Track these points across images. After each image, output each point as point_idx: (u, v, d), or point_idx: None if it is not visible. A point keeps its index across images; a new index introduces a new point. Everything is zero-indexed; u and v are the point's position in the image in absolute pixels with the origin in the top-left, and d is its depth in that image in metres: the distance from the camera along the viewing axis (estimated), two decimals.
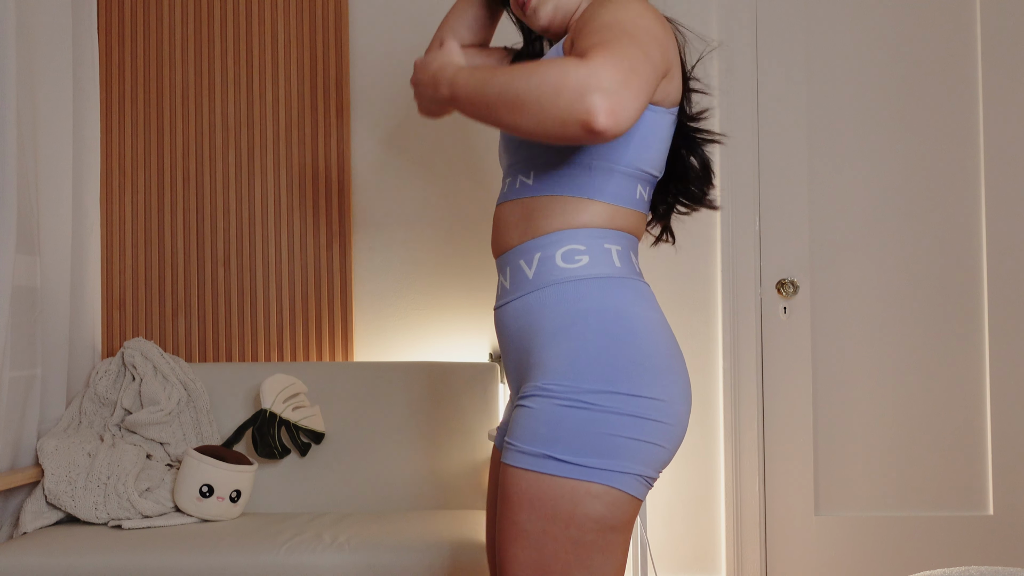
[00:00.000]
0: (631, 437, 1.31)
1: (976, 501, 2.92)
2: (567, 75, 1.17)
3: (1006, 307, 2.91)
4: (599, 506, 1.31)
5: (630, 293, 1.38)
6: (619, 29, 1.25)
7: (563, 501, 1.30)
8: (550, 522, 1.31)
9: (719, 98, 2.94)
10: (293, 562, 2.13)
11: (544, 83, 1.18)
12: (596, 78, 1.16)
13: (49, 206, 2.63)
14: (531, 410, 1.33)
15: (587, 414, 1.30)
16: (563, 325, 1.34)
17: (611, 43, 1.21)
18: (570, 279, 1.37)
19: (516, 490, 1.33)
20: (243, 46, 2.99)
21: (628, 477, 1.31)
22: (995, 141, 2.92)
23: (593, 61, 1.17)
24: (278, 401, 2.61)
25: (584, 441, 1.30)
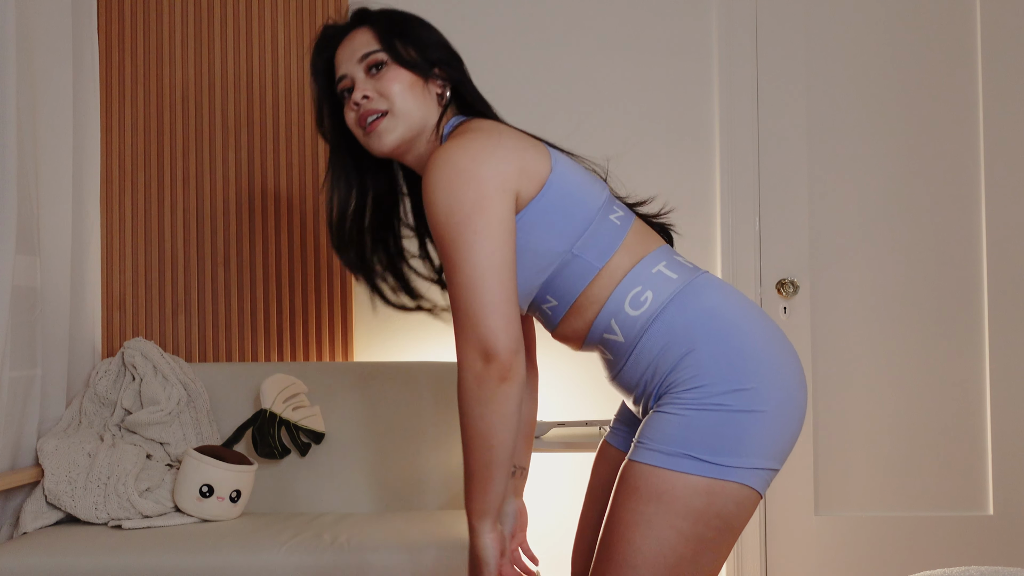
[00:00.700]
0: (760, 432, 1.37)
1: (976, 501, 2.92)
2: (469, 394, 1.36)
3: (1006, 307, 2.91)
4: (731, 505, 1.37)
5: (703, 291, 1.45)
6: (453, 242, 1.37)
7: (697, 498, 1.35)
8: (679, 518, 1.36)
9: (719, 98, 2.94)
10: (293, 562, 2.13)
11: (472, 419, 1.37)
12: (480, 372, 1.34)
13: (49, 206, 2.63)
14: (666, 415, 1.38)
15: (720, 415, 1.36)
16: (672, 354, 1.40)
17: (456, 288, 1.36)
18: (652, 317, 1.43)
19: (646, 484, 1.37)
20: (243, 46, 2.99)
21: (760, 472, 1.38)
22: (995, 141, 2.92)
23: (459, 351, 1.36)
24: (278, 401, 2.61)
25: (719, 441, 1.35)
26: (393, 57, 1.53)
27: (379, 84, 1.52)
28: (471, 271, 1.35)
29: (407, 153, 1.56)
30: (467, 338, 1.35)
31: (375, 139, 1.52)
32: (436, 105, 1.55)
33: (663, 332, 1.41)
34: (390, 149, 1.53)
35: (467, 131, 1.47)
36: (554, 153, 1.50)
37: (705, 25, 2.97)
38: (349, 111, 1.55)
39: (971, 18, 2.94)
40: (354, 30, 1.57)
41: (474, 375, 1.35)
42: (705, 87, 2.97)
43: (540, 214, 1.43)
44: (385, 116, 1.51)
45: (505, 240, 1.37)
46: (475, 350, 1.34)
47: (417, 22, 1.60)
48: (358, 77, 1.53)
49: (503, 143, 1.43)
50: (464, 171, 1.37)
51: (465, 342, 1.36)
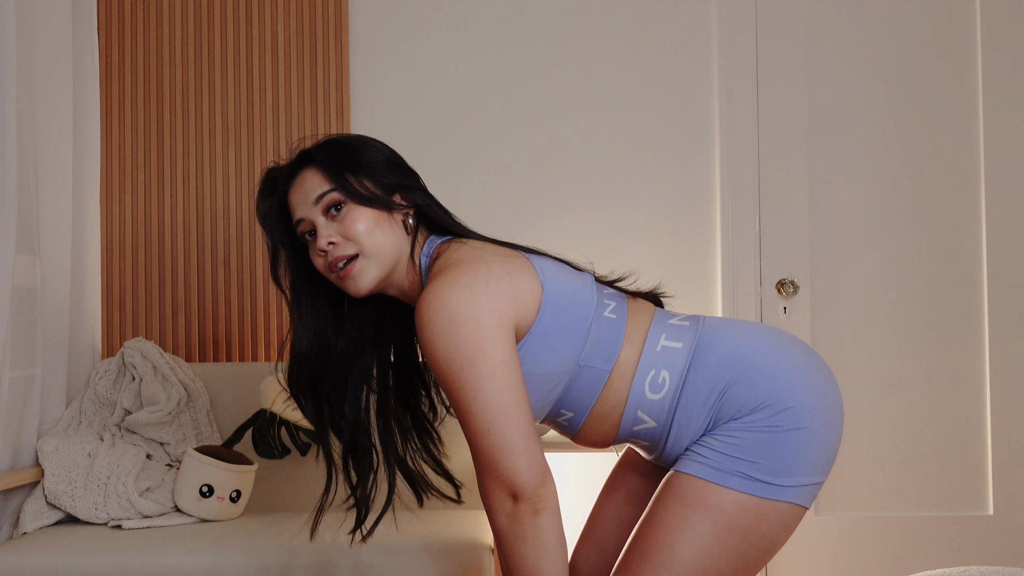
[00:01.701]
0: (808, 448, 1.38)
1: (976, 501, 2.91)
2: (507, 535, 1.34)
3: (1006, 307, 2.91)
4: (778, 526, 1.38)
5: (712, 341, 1.45)
6: (461, 391, 1.33)
7: (746, 516, 1.37)
8: (725, 532, 1.37)
9: (719, 98, 2.94)
10: (293, 562, 2.13)
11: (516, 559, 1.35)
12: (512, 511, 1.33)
13: (49, 206, 2.63)
14: (718, 438, 1.39)
15: (770, 436, 1.37)
16: (711, 406, 1.42)
17: (474, 434, 1.33)
18: (677, 393, 1.43)
19: (695, 494, 1.38)
20: (243, 46, 2.99)
21: (807, 489, 1.39)
22: (995, 141, 2.92)
23: (486, 494, 1.34)
24: (278, 401, 2.60)
25: (772, 461, 1.37)
26: (350, 195, 1.46)
27: (342, 227, 1.45)
28: (482, 416, 1.32)
29: (388, 287, 1.52)
30: (492, 481, 1.33)
31: (351, 283, 1.47)
32: (404, 234, 1.50)
33: (693, 400, 1.42)
34: (368, 290, 1.47)
35: (450, 264, 1.41)
36: (538, 266, 1.45)
37: (705, 25, 2.97)
38: (316, 256, 1.49)
39: (971, 18, 2.94)
40: (301, 171, 1.50)
41: (506, 516, 1.33)
42: (705, 87, 2.97)
43: (540, 338, 1.40)
44: (357, 259, 1.46)
45: (512, 378, 1.34)
46: (502, 492, 1.33)
47: (362, 145, 1.53)
48: (318, 221, 1.47)
49: (492, 274, 1.38)
50: (458, 315, 1.33)
51: (491, 485, 1.34)
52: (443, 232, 1.54)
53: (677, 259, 2.92)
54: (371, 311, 1.60)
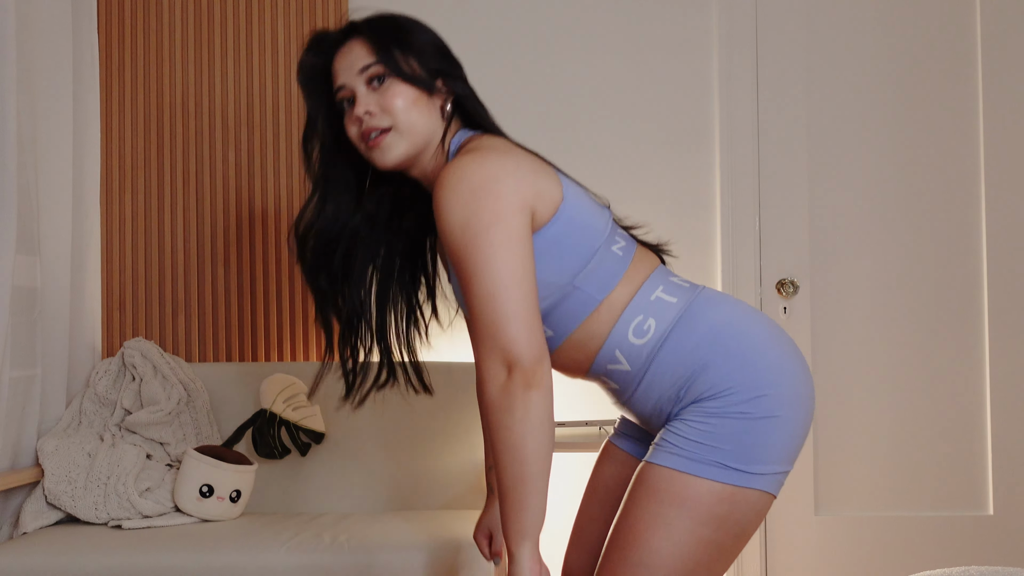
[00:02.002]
0: (779, 436, 1.38)
1: (976, 501, 2.92)
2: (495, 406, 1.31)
3: (1006, 307, 2.91)
4: (750, 512, 1.38)
5: (707, 309, 1.45)
6: (473, 257, 1.32)
7: (720, 505, 1.36)
8: (700, 524, 1.36)
9: (719, 98, 2.94)
10: (293, 562, 2.13)
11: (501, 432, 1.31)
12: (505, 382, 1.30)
13: (49, 206, 2.63)
14: (689, 423, 1.38)
15: (743, 423, 1.36)
16: (684, 375, 1.41)
17: (479, 305, 1.32)
18: (659, 344, 1.42)
19: (668, 487, 1.37)
20: (243, 46, 2.99)
21: (777, 477, 1.39)
22: (995, 141, 2.92)
23: (482, 371, 1.32)
24: (278, 401, 2.61)
25: (744, 449, 1.36)
26: (394, 71, 1.47)
27: (382, 99, 1.47)
28: (490, 281, 1.31)
29: (412, 168, 1.53)
30: (488, 349, 1.31)
31: (378, 154, 1.48)
32: (440, 118, 1.51)
33: (672, 357, 1.41)
34: (393, 164, 1.49)
35: (479, 147, 1.43)
36: (563, 179, 1.47)
37: (705, 24, 2.97)
38: (351, 124, 1.50)
39: (971, 18, 2.94)
40: (349, 40, 1.52)
41: (498, 386, 1.30)
42: (705, 87, 2.97)
43: (549, 243, 1.41)
44: (389, 132, 1.47)
45: (524, 252, 1.33)
46: (497, 360, 1.31)
47: (413, 26, 1.54)
48: (359, 90, 1.48)
49: (520, 163, 1.40)
50: (482, 187, 1.34)
51: (487, 353, 1.32)
52: (476, 127, 1.55)
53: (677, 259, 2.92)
54: (389, 193, 1.60)
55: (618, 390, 1.49)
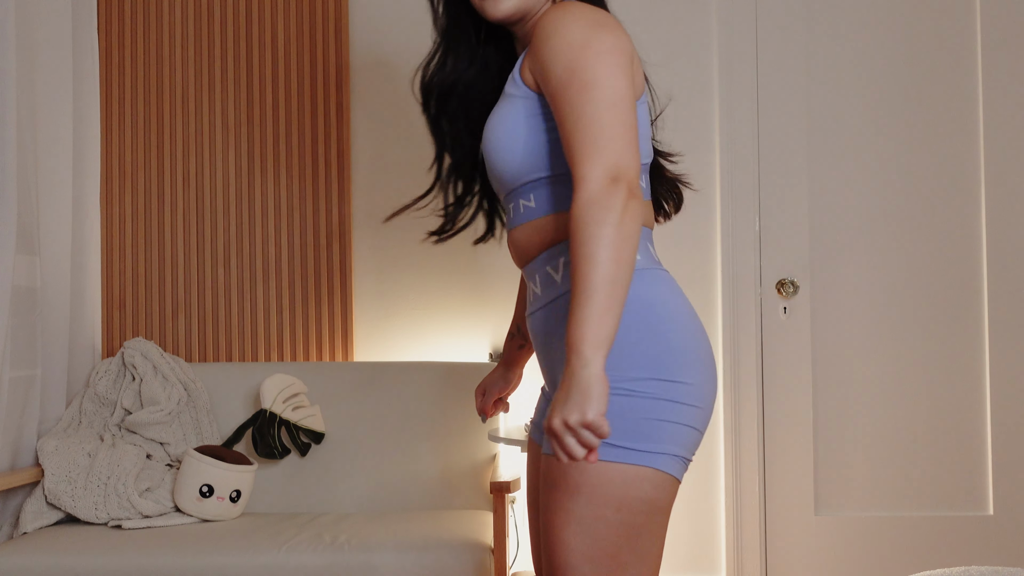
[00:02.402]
0: (672, 421, 1.34)
1: (976, 501, 2.92)
2: (593, 221, 1.24)
3: (1006, 307, 2.91)
4: (649, 488, 1.34)
5: (656, 283, 1.41)
6: (584, 91, 1.30)
7: (615, 486, 1.33)
8: (603, 507, 1.33)
9: (719, 98, 2.94)
10: (293, 562, 2.13)
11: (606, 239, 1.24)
12: (598, 196, 1.24)
13: (49, 206, 2.63)
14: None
15: (630, 401, 1.33)
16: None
17: (588, 133, 1.28)
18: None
19: (564, 477, 1.35)
20: (243, 46, 2.99)
21: (672, 459, 1.35)
22: (995, 141, 2.92)
23: (583, 187, 1.26)
24: (278, 401, 2.61)
25: (630, 426, 1.33)
26: None
27: None
28: (609, 93, 1.29)
29: (521, 22, 1.51)
30: (596, 156, 1.27)
31: (490, 5, 1.47)
32: None
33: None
34: (504, 16, 1.48)
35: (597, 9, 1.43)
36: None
37: (705, 25, 2.97)
38: None
39: (971, 18, 2.94)
40: None
41: (602, 189, 1.24)
42: (705, 87, 2.97)
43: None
44: None
45: (632, 93, 1.33)
46: (603, 168, 1.26)
47: None
48: None
49: (623, 37, 1.39)
50: (604, 24, 1.34)
51: (593, 160, 1.27)
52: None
53: (677, 259, 2.92)
54: (501, 48, 1.63)
55: (538, 296, 1.47)
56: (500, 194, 1.53)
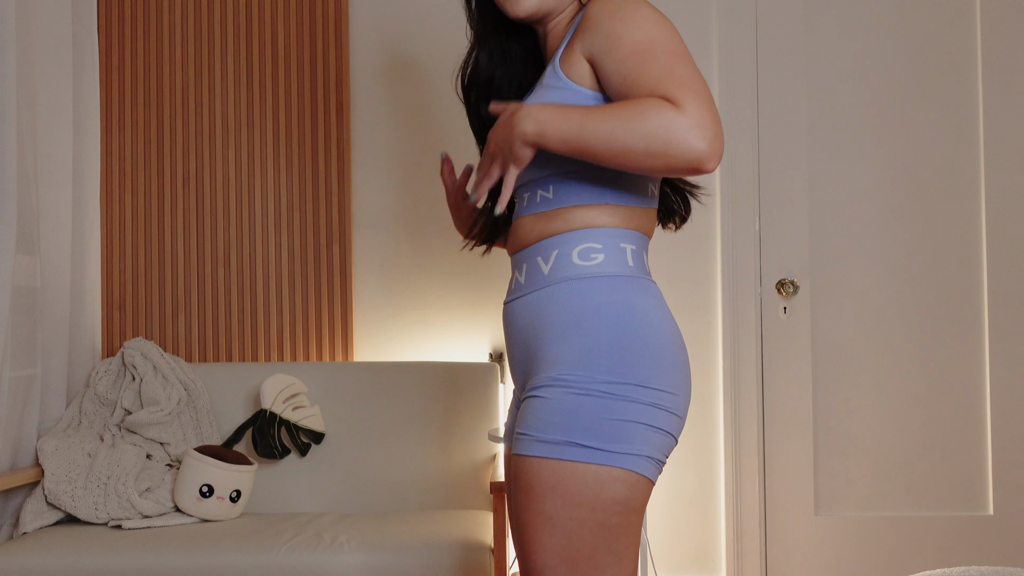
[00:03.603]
0: (645, 423, 1.35)
1: (976, 501, 2.92)
2: (672, 127, 1.25)
3: (1006, 307, 2.91)
4: (623, 488, 1.34)
5: (641, 291, 1.41)
6: (672, 54, 1.32)
7: (587, 486, 1.33)
8: (576, 507, 1.34)
9: (719, 98, 2.94)
10: (293, 562, 2.13)
11: (651, 135, 1.26)
12: (701, 129, 1.25)
13: (49, 206, 2.63)
14: (546, 400, 1.36)
15: (603, 402, 1.34)
16: (576, 319, 1.38)
17: (686, 80, 1.29)
18: (584, 276, 1.40)
19: (538, 479, 1.35)
20: (243, 46, 2.99)
21: (645, 460, 1.36)
22: (995, 141, 2.92)
23: (689, 109, 1.26)
24: (278, 401, 2.61)
25: (603, 427, 1.33)
26: None
27: None
28: (696, 77, 1.29)
29: (543, 22, 1.52)
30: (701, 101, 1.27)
31: (512, 1, 1.49)
32: None
33: (581, 295, 1.39)
34: (526, 14, 1.49)
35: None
36: None
37: (705, 25, 2.97)
38: None
39: (971, 18, 2.94)
40: None
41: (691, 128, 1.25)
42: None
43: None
44: None
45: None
46: (699, 129, 1.25)
47: None
48: None
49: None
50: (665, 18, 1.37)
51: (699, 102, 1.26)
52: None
53: (677, 259, 2.92)
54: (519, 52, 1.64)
55: (523, 285, 1.46)
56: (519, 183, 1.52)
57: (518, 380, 1.50)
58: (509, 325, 1.49)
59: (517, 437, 1.39)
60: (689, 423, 2.69)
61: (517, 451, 1.38)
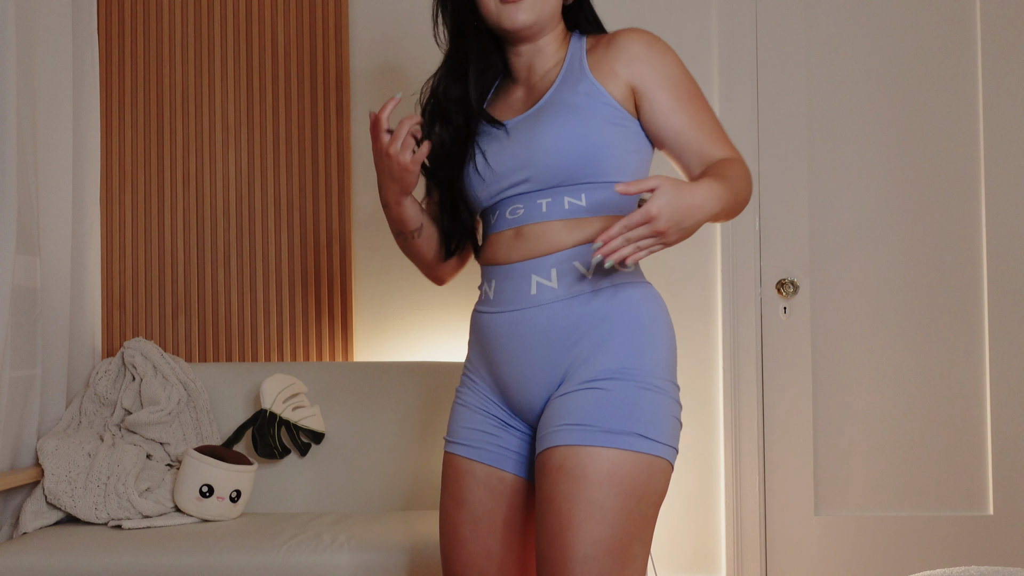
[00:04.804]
0: (678, 418, 1.48)
1: (976, 501, 2.92)
2: (751, 183, 1.51)
3: (1006, 307, 2.91)
4: (664, 481, 1.43)
5: (658, 297, 1.56)
6: (708, 104, 1.59)
7: (642, 477, 1.39)
8: (628, 497, 1.37)
9: (719, 98, 2.95)
10: (293, 562, 2.13)
11: (748, 193, 1.49)
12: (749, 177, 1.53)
13: (49, 206, 2.63)
14: (609, 392, 1.42)
15: (658, 397, 1.44)
16: (631, 321, 1.48)
17: (725, 133, 1.57)
18: (626, 282, 1.50)
19: (595, 468, 1.37)
20: (243, 46, 2.99)
21: (675, 453, 1.47)
22: (995, 141, 2.92)
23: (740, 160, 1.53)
24: (278, 401, 2.61)
25: (658, 421, 1.42)
26: None
27: None
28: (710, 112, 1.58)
29: (532, 38, 1.58)
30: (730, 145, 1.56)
31: (512, 11, 1.52)
32: (559, 8, 1.60)
33: (632, 300, 1.49)
34: (520, 27, 1.54)
35: None
36: None
37: (705, 25, 2.97)
38: None
39: (971, 18, 2.94)
40: None
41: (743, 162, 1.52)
42: (705, 87, 2.96)
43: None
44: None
45: None
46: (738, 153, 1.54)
47: None
48: None
49: None
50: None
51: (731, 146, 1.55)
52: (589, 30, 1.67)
53: (677, 259, 2.92)
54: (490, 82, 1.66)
55: (555, 289, 1.48)
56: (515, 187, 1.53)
57: (533, 383, 1.51)
58: (533, 329, 1.50)
59: (567, 428, 1.41)
60: (689, 423, 2.69)
61: (574, 441, 1.39)
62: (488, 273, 1.58)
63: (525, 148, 1.51)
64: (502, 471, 1.55)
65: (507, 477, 1.55)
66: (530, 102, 1.58)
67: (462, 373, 1.68)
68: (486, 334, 1.55)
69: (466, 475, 1.56)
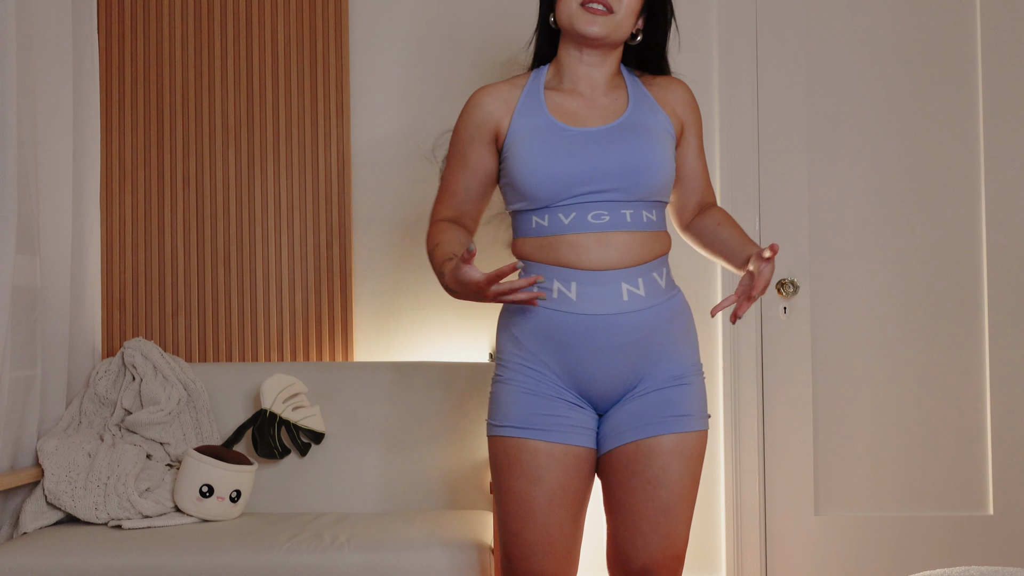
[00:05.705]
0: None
1: (976, 501, 2.92)
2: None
3: (1006, 307, 2.91)
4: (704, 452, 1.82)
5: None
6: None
7: (703, 449, 1.79)
8: (700, 467, 1.78)
9: (719, 98, 2.94)
10: (293, 562, 2.13)
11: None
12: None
13: (49, 206, 2.63)
14: (693, 386, 1.78)
15: (702, 380, 1.83)
16: (687, 325, 1.81)
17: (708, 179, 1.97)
18: (678, 290, 1.83)
19: (698, 449, 1.76)
20: (243, 46, 2.99)
21: None
22: (995, 141, 2.92)
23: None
24: (278, 401, 2.61)
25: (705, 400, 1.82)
26: None
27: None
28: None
29: (597, 50, 1.77)
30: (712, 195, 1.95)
31: (588, 19, 1.70)
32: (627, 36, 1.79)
33: (684, 306, 1.82)
34: (593, 36, 1.72)
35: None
36: None
37: (705, 25, 2.97)
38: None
39: (971, 18, 2.94)
40: None
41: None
42: (705, 87, 2.96)
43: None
44: (609, 14, 1.71)
45: None
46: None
47: None
48: None
49: None
50: None
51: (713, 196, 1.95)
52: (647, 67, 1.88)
53: (677, 259, 2.91)
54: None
55: (644, 297, 1.71)
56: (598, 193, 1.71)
57: (616, 378, 1.74)
58: (626, 331, 1.72)
59: (683, 418, 1.73)
60: None
61: (691, 428, 1.74)
62: (563, 275, 1.71)
63: (618, 159, 1.71)
64: (576, 447, 1.74)
65: (580, 452, 1.75)
66: (603, 117, 1.76)
67: (507, 363, 1.80)
68: (566, 333, 1.71)
69: (544, 456, 1.73)
